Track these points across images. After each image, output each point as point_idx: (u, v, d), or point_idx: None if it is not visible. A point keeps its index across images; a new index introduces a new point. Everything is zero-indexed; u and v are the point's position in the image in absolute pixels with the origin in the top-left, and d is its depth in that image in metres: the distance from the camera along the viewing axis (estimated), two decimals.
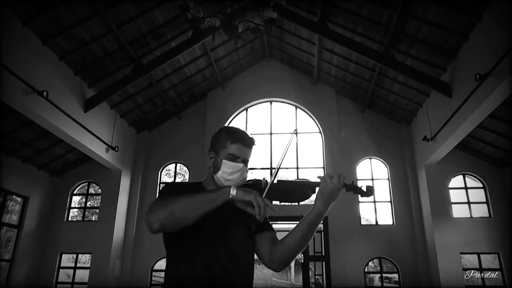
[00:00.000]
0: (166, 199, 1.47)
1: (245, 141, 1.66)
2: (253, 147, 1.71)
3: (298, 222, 1.63)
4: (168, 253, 1.62)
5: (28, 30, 6.41)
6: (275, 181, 1.60)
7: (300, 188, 1.62)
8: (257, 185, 1.66)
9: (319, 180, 1.58)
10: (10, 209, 9.01)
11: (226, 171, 1.63)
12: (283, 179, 1.65)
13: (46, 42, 6.79)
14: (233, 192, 1.42)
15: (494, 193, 8.89)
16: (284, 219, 8.67)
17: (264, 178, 1.67)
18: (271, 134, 10.44)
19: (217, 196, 1.43)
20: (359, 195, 1.61)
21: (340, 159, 9.71)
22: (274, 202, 1.57)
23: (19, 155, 8.71)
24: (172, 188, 1.68)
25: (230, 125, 1.77)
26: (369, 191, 1.58)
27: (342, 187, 1.56)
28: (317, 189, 1.58)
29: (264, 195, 1.51)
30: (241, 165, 1.64)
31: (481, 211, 8.92)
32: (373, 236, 9.24)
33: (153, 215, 1.43)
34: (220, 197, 1.42)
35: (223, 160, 1.64)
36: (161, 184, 10.49)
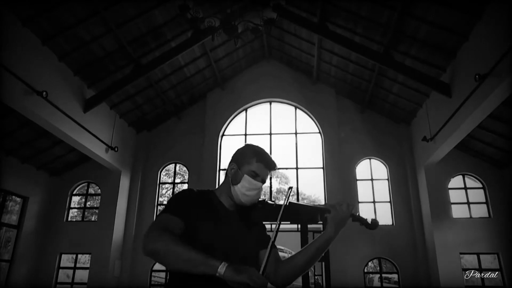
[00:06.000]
0: (161, 233, 1.42)
1: (269, 163, 1.71)
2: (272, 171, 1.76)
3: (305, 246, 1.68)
4: None
5: (28, 30, 6.41)
6: (287, 203, 1.65)
7: (310, 212, 1.71)
8: (266, 205, 1.72)
9: (325, 205, 1.68)
10: (9, 209, 8.99)
11: (246, 186, 1.66)
12: (294, 202, 1.72)
13: (46, 42, 6.79)
14: (221, 270, 1.28)
15: (494, 193, 8.89)
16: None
17: (275, 199, 1.76)
18: (270, 134, 10.44)
19: (202, 264, 1.32)
20: (364, 226, 1.67)
21: (339, 159, 9.72)
22: (284, 222, 1.64)
23: (19, 155, 8.70)
24: (181, 201, 1.63)
25: (256, 145, 1.79)
26: (374, 225, 1.63)
27: (350, 216, 1.64)
28: (326, 214, 1.66)
29: (279, 217, 1.56)
30: (260, 184, 1.68)
31: (480, 211, 8.92)
32: (373, 236, 9.22)
33: (145, 242, 1.42)
34: (204, 267, 1.31)
35: (245, 175, 1.67)
36: (160, 185, 10.50)
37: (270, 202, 1.72)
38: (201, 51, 9.18)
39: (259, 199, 1.73)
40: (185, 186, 10.60)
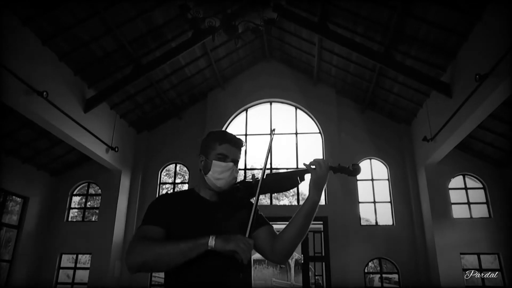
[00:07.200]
0: (143, 244, 1.44)
1: (233, 141, 1.73)
2: (242, 148, 1.77)
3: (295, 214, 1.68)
4: None
5: (28, 30, 6.40)
6: (264, 177, 1.66)
7: (288, 177, 1.71)
8: (247, 185, 1.71)
9: (305, 167, 1.66)
10: (10, 210, 9.00)
11: (217, 170, 1.67)
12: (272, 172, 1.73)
13: (46, 42, 6.79)
14: (211, 243, 1.37)
15: (494, 193, 8.88)
16: (282, 219, 8.67)
17: (253, 175, 1.74)
18: (271, 134, 10.42)
19: (194, 248, 1.38)
20: (348, 175, 1.69)
21: (340, 159, 9.67)
22: (267, 195, 1.65)
23: (19, 155, 8.70)
24: (156, 209, 1.65)
25: (217, 130, 1.82)
26: (356, 170, 1.63)
27: (329, 170, 1.64)
28: (306, 176, 1.68)
29: (258, 191, 1.59)
30: (231, 164, 1.68)
31: (481, 211, 8.91)
32: (373, 236, 9.23)
33: (129, 259, 1.42)
34: (197, 249, 1.38)
35: (213, 161, 1.68)
36: (160, 185, 10.50)
37: (248, 180, 1.73)
38: (202, 51, 9.18)
39: (237, 181, 1.73)
40: (186, 186, 10.61)
